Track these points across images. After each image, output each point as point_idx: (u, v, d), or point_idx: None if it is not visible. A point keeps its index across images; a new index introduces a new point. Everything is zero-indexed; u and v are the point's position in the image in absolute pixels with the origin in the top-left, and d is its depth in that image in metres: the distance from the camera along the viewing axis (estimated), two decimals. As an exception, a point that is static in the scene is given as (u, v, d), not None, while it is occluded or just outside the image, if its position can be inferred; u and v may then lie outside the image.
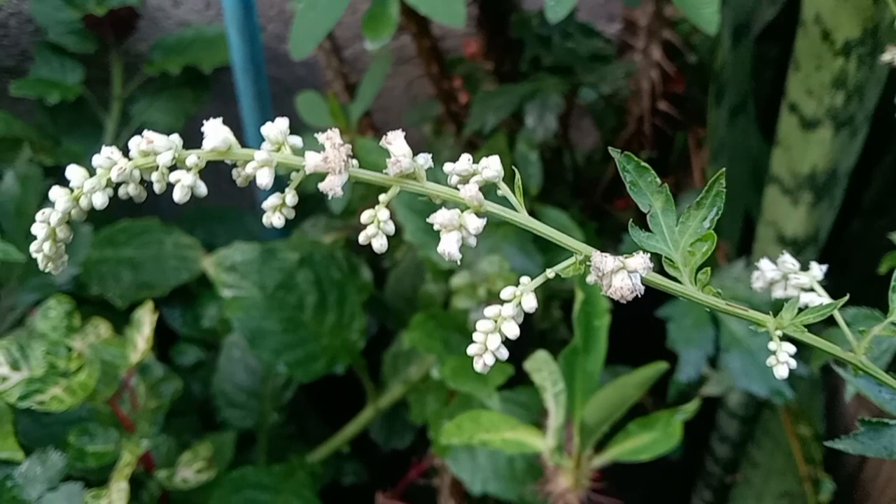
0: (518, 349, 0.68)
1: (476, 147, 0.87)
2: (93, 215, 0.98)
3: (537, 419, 0.70)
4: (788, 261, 0.41)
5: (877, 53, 0.61)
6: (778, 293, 0.41)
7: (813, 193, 0.70)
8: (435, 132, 0.91)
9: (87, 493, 0.66)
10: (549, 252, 0.77)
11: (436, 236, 0.81)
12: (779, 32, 0.81)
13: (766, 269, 0.41)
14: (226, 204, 1.10)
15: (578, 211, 0.87)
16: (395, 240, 0.94)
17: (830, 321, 0.39)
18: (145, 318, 0.71)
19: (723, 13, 0.66)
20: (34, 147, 0.89)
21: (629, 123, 0.84)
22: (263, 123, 0.31)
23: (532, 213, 0.32)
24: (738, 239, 0.84)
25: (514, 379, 0.73)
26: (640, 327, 0.82)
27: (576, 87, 0.86)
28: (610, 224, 0.92)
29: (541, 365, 0.62)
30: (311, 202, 1.01)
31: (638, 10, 0.76)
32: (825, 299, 0.40)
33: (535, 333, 0.84)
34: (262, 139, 0.31)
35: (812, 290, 0.41)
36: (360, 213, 0.93)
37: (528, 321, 0.87)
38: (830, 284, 0.42)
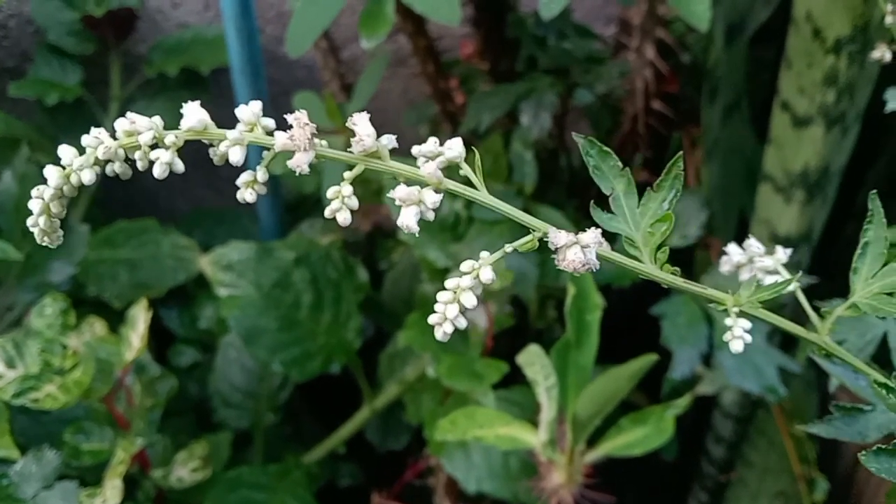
0: (514, 348, 0.68)
1: (472, 146, 0.88)
2: (92, 216, 0.98)
3: (532, 418, 0.70)
4: (754, 244, 0.42)
5: (867, 51, 0.61)
6: (744, 276, 0.42)
7: (805, 191, 0.70)
8: (431, 132, 0.91)
9: (82, 491, 0.66)
10: (544, 251, 0.78)
11: (432, 236, 0.81)
12: (774, 35, 0.82)
13: (732, 253, 0.43)
14: (224, 206, 1.11)
15: (574, 211, 0.87)
16: (391, 241, 0.95)
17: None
18: (140, 316, 0.71)
19: (715, 12, 0.66)
20: (33, 147, 0.90)
21: (624, 123, 0.84)
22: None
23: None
24: (733, 238, 0.84)
25: (510, 378, 0.74)
26: (632, 328, 0.82)
27: (571, 87, 0.87)
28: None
29: (533, 359, 0.62)
30: (307, 204, 1.02)
31: (632, 10, 0.77)
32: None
33: (531, 333, 0.84)
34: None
35: (776, 272, 0.42)
36: (356, 215, 0.93)
37: (523, 321, 0.87)
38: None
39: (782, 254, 0.42)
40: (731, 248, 0.43)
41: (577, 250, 0.32)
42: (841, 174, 0.73)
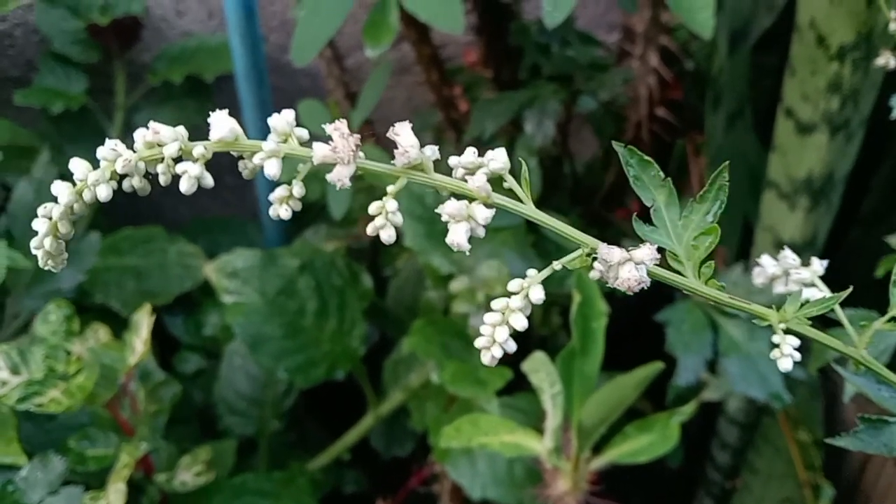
0: (518, 355, 0.68)
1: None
2: (97, 224, 0.97)
3: (537, 425, 0.70)
4: (789, 256, 0.41)
5: (871, 58, 0.61)
6: (779, 289, 0.41)
7: (810, 198, 0.71)
8: (435, 140, 0.92)
9: (86, 495, 0.66)
10: (548, 258, 0.78)
11: (436, 242, 0.81)
12: (777, 42, 0.82)
13: (766, 265, 0.41)
14: (228, 213, 1.11)
15: (577, 218, 0.87)
16: (396, 248, 0.95)
17: (830, 324, 0.40)
18: (143, 321, 0.72)
19: (718, 19, 0.66)
20: (37, 155, 0.90)
21: (628, 130, 0.84)
22: (266, 132, 0.31)
23: (530, 220, 0.32)
24: (737, 245, 0.84)
25: (514, 385, 0.74)
26: (636, 335, 0.82)
27: (575, 94, 0.87)
28: (611, 232, 0.92)
29: (538, 366, 0.62)
30: (312, 211, 1.02)
31: (636, 17, 0.77)
32: (826, 294, 0.40)
33: (535, 340, 0.84)
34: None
35: (813, 285, 0.41)
36: (361, 222, 0.92)
37: (528, 328, 0.87)
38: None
39: (818, 266, 0.41)
40: (766, 259, 0.41)
41: (632, 267, 0.30)
42: (845, 180, 0.73)
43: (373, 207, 0.30)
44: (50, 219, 0.30)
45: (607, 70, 0.87)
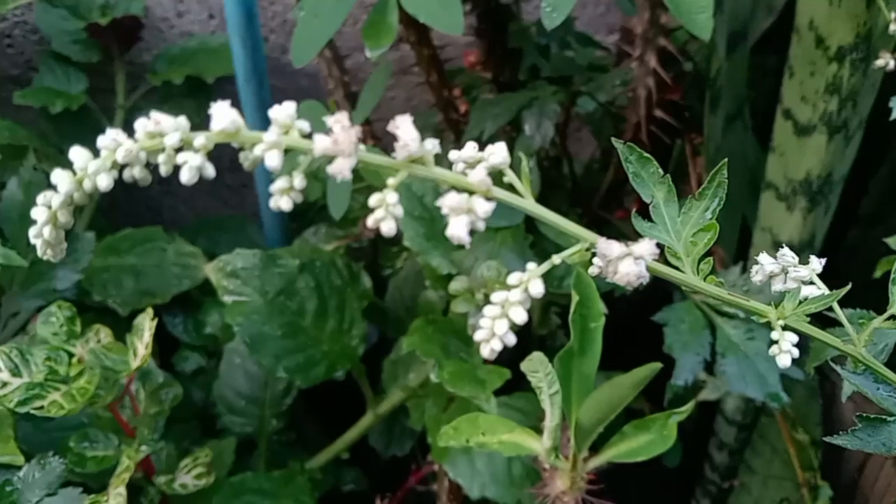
0: (517, 355, 0.68)
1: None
2: (96, 225, 0.98)
3: (535, 424, 0.70)
4: (787, 254, 0.41)
5: (870, 59, 0.61)
6: (777, 287, 0.41)
7: (808, 199, 0.71)
8: (435, 140, 0.92)
9: (86, 498, 0.66)
10: (547, 258, 0.78)
11: (435, 242, 0.81)
12: (776, 43, 0.82)
13: (765, 263, 0.41)
14: (228, 213, 1.11)
15: (577, 219, 0.87)
16: (395, 248, 0.95)
17: (828, 323, 0.40)
18: (145, 324, 0.72)
19: (717, 20, 0.66)
20: (37, 155, 0.90)
21: (626, 131, 0.84)
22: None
23: (529, 219, 0.32)
24: (735, 246, 0.84)
25: (513, 385, 0.74)
26: (634, 335, 0.82)
27: (574, 96, 0.87)
28: (609, 233, 0.92)
29: (537, 366, 0.62)
30: (312, 211, 1.02)
31: (634, 19, 0.77)
32: (825, 292, 0.40)
33: (534, 340, 0.84)
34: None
35: (811, 283, 0.40)
36: (361, 222, 0.92)
37: (526, 328, 0.87)
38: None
39: (817, 263, 0.41)
40: (764, 257, 0.41)
41: (631, 262, 0.29)
42: (843, 182, 0.74)
43: (373, 200, 0.30)
44: (49, 207, 0.30)
45: (606, 71, 0.87)
